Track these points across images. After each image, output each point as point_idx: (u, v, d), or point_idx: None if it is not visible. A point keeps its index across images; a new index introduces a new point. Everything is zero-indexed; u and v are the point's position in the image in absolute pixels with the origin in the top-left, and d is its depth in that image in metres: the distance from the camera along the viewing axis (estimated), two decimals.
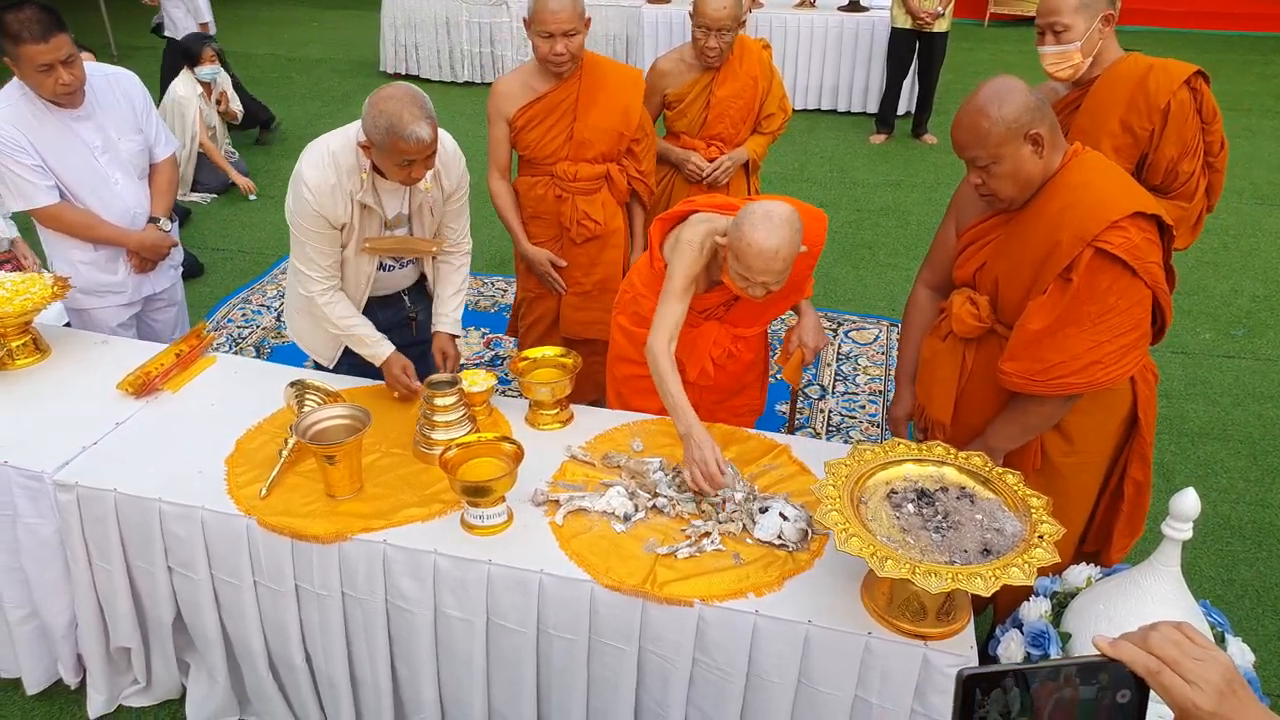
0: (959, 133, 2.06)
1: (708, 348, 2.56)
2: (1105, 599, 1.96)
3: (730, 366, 2.62)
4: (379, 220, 2.53)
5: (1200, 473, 3.61)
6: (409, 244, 2.61)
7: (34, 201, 2.85)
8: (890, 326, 4.56)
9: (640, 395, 2.68)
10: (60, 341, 2.76)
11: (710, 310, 2.55)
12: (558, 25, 2.91)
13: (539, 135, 3.13)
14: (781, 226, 2.18)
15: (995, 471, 1.90)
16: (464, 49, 8.31)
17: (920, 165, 6.76)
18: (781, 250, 2.17)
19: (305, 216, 2.44)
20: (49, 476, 2.22)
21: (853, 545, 1.70)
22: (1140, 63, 2.55)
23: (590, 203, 3.22)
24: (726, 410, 2.67)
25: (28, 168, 2.80)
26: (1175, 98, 2.49)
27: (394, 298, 2.79)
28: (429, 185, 2.54)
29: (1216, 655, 0.89)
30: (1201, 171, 2.58)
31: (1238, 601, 3.03)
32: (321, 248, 2.48)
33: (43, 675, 2.54)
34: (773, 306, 2.59)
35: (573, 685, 2.06)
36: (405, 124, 2.22)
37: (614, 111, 3.13)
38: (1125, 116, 2.53)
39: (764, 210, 2.20)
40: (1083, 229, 1.97)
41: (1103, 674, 0.90)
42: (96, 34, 9.10)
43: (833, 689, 1.89)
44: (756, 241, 2.17)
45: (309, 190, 2.39)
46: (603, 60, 3.22)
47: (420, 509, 2.13)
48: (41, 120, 2.80)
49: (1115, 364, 2.02)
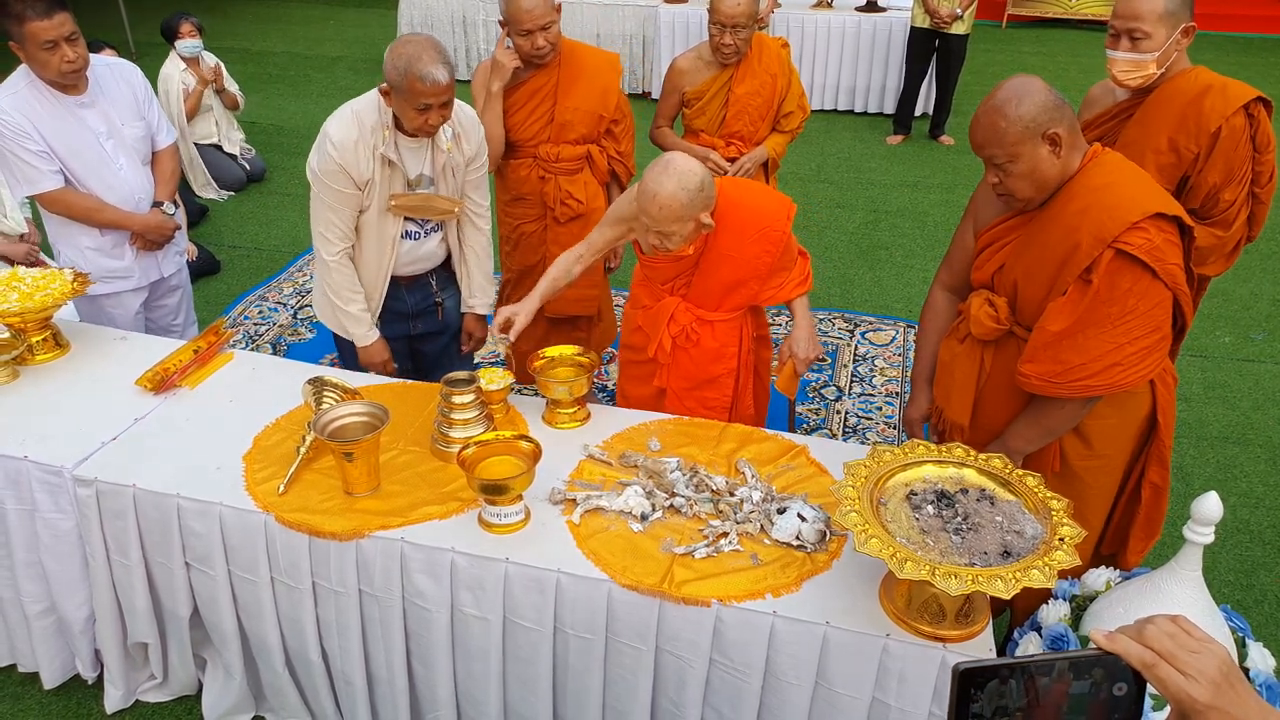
0: (977, 131, 2.05)
1: (665, 323, 2.59)
2: (1125, 602, 1.95)
3: (691, 351, 2.62)
4: (402, 178, 2.61)
5: (1219, 477, 3.58)
6: (432, 201, 2.68)
7: (39, 186, 2.90)
8: (907, 328, 4.54)
9: (633, 382, 2.79)
10: (80, 337, 2.78)
11: (671, 283, 2.60)
12: (533, 21, 3.01)
13: (522, 119, 3.22)
14: (673, 176, 2.26)
15: (1015, 473, 1.89)
16: (480, 48, 8.33)
17: (938, 166, 6.73)
18: (661, 197, 2.25)
19: (329, 174, 2.53)
20: (68, 471, 2.23)
21: (872, 546, 1.69)
22: (1200, 79, 2.49)
23: (573, 183, 3.32)
24: (695, 399, 2.68)
25: (33, 153, 2.85)
26: (1228, 123, 2.43)
27: (421, 281, 2.86)
28: (450, 145, 2.63)
29: (1212, 647, 0.89)
30: (1244, 200, 2.52)
31: (1257, 606, 3.01)
32: (340, 210, 2.58)
33: (60, 670, 2.56)
34: (733, 292, 2.55)
35: (589, 685, 2.06)
36: (423, 64, 2.34)
37: (593, 94, 3.23)
38: (1174, 135, 2.48)
39: (666, 159, 2.29)
40: (1103, 230, 1.95)
41: (1097, 668, 0.90)
42: (115, 31, 9.16)
43: (850, 691, 1.88)
44: (646, 184, 2.27)
45: (333, 146, 2.49)
46: (580, 45, 3.31)
47: (438, 507, 2.13)
48: (47, 107, 2.86)
49: (1135, 366, 2.01)
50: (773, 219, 2.48)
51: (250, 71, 8.43)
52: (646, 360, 2.67)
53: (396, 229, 2.67)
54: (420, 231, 2.75)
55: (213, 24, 7.61)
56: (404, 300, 2.82)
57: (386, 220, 2.64)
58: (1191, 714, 0.87)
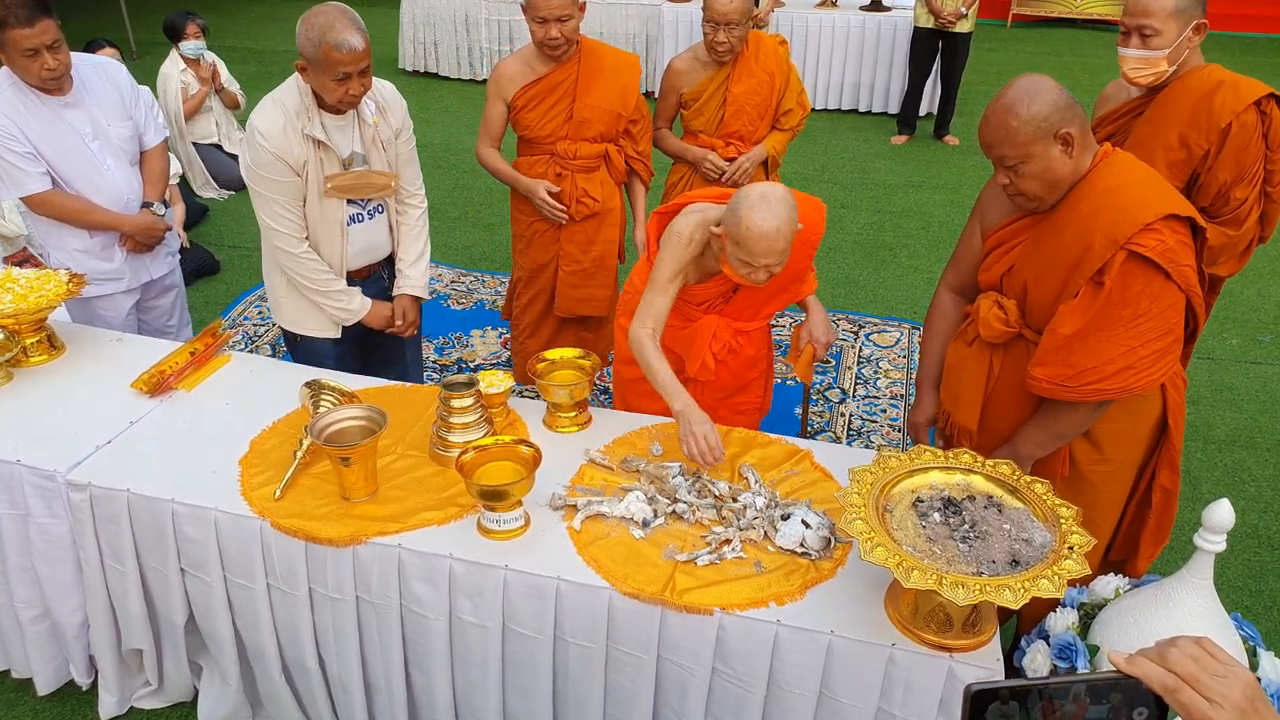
0: (987, 131, 2.02)
1: (708, 342, 2.53)
2: (1135, 611, 1.92)
3: (731, 362, 2.59)
4: (336, 160, 2.60)
5: (1228, 481, 3.55)
6: (367, 178, 2.68)
7: (26, 188, 2.87)
8: (912, 329, 4.51)
9: (644, 398, 2.67)
10: (75, 339, 2.75)
11: (709, 303, 2.54)
12: (550, 11, 3.01)
13: (540, 115, 3.21)
14: (779, 205, 2.18)
15: (1023, 480, 1.86)
16: (483, 46, 8.30)
17: (942, 167, 6.69)
18: (782, 229, 2.17)
19: (264, 165, 2.52)
20: (62, 476, 2.20)
21: (878, 555, 1.66)
22: (1212, 76, 2.46)
23: (589, 180, 3.31)
24: (728, 408, 2.64)
25: (19, 155, 2.82)
26: (1239, 119, 2.40)
27: (375, 275, 2.87)
28: (376, 119, 2.65)
29: (1238, 672, 0.86)
30: (1257, 199, 2.49)
31: (1266, 613, 2.97)
32: (285, 200, 2.57)
33: (54, 676, 2.53)
34: (773, 299, 2.55)
35: (589, 693, 2.03)
36: (336, 33, 2.36)
37: (612, 92, 3.22)
38: (1184, 131, 2.45)
39: (759, 192, 2.20)
40: (1115, 232, 1.92)
41: (1115, 692, 0.88)
42: (116, 30, 9.15)
43: (855, 701, 1.84)
44: (755, 224, 2.16)
45: (262, 136, 2.49)
46: (599, 44, 3.31)
47: (436, 512, 2.10)
48: (31, 108, 2.83)
49: (1148, 369, 1.97)
50: (812, 224, 2.45)
51: (252, 70, 8.41)
52: None
53: (341, 214, 2.67)
54: (364, 213, 2.74)
55: (215, 22, 7.58)
56: None
57: (329, 207, 2.63)
58: None
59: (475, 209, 5.89)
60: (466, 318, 4.60)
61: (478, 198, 6.03)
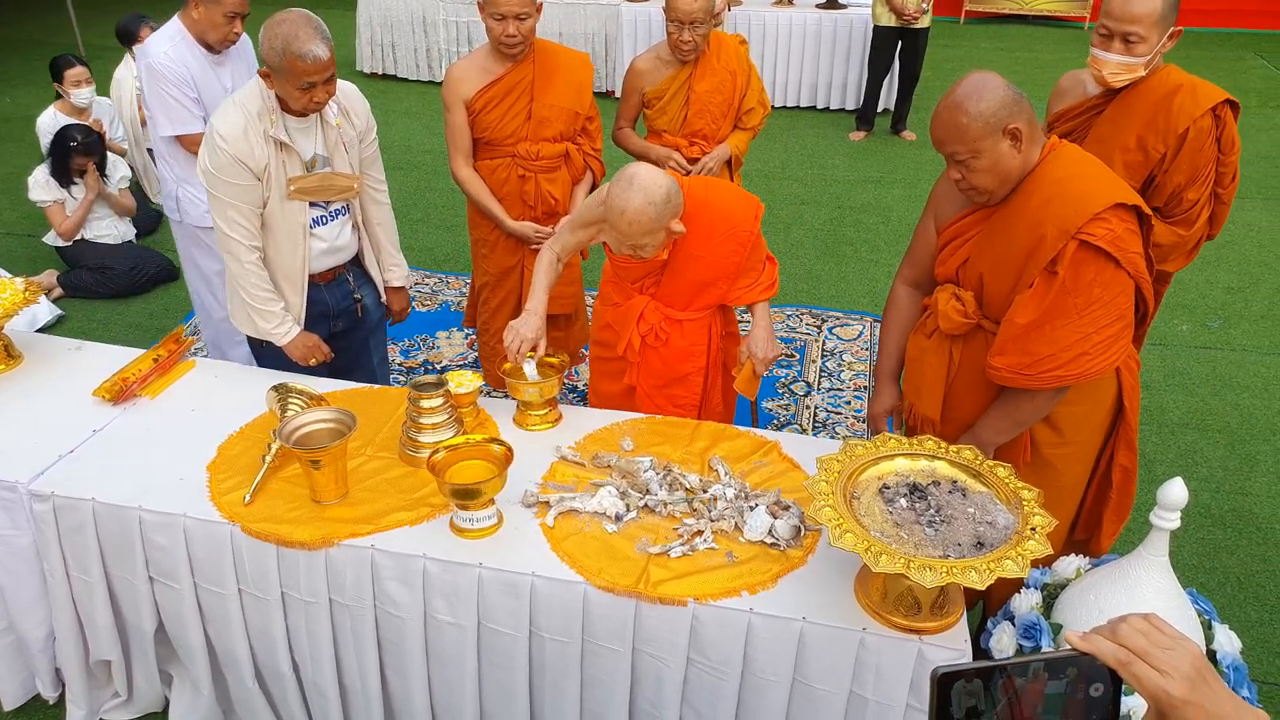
0: (938, 128, 2.06)
1: (634, 321, 2.59)
2: (1096, 589, 1.97)
3: (660, 350, 2.62)
4: (298, 161, 2.58)
5: (1181, 462, 3.64)
6: (330, 180, 2.67)
7: (188, 128, 3.28)
8: (873, 322, 4.57)
9: (604, 379, 2.80)
10: (33, 348, 2.71)
11: (640, 281, 2.59)
12: (510, 8, 3.01)
13: (499, 116, 3.19)
14: (645, 188, 2.26)
15: (986, 465, 1.90)
16: (441, 48, 8.26)
17: (900, 162, 6.78)
18: (644, 210, 2.26)
19: (222, 168, 2.48)
20: (24, 486, 2.17)
21: (847, 541, 1.69)
22: (1170, 79, 2.49)
23: (552, 181, 3.31)
24: (665, 397, 2.68)
25: (191, 100, 3.26)
26: (1196, 124, 2.44)
27: (340, 279, 2.85)
28: (339, 121, 2.64)
29: (1185, 644, 0.90)
30: (1207, 200, 2.53)
31: (1219, 589, 3.06)
32: (240, 206, 2.54)
33: (20, 690, 2.49)
34: (704, 291, 2.56)
35: (566, 688, 2.04)
36: (301, 43, 2.34)
37: (569, 90, 3.23)
38: (1142, 134, 2.49)
39: (630, 174, 2.29)
40: (1066, 222, 1.97)
41: (1071, 667, 0.91)
42: (64, 34, 8.96)
43: (828, 686, 1.88)
44: (615, 203, 2.27)
45: (222, 138, 2.46)
46: (552, 44, 3.32)
47: (408, 513, 2.10)
48: (196, 60, 3.26)
49: (1102, 354, 2.03)
50: (741, 219, 2.48)
51: None
52: (616, 357, 2.66)
53: (304, 217, 2.64)
54: (327, 215, 2.72)
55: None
56: (324, 300, 2.80)
57: (291, 210, 2.60)
58: (1168, 710, 0.88)
59: (437, 211, 5.87)
60: (432, 319, 4.58)
61: (440, 199, 6.00)
